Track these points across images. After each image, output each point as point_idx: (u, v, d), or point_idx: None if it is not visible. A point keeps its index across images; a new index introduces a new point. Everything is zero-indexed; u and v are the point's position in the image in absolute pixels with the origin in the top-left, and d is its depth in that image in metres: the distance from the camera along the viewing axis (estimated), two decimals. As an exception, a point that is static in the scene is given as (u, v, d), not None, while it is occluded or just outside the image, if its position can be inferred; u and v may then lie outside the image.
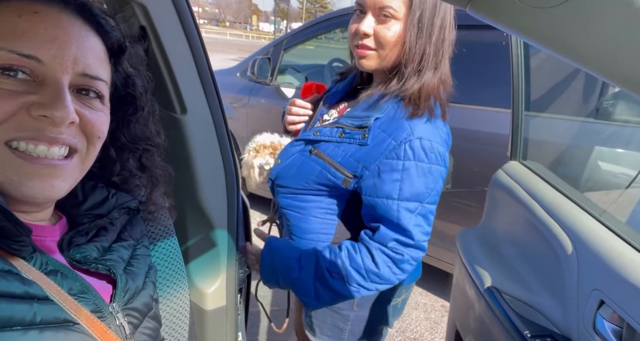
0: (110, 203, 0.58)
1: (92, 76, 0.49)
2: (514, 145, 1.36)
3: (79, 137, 0.48)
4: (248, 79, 3.33)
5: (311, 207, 0.99)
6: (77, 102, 0.47)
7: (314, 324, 1.08)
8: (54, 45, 0.45)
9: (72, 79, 0.47)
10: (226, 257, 0.98)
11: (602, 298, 0.81)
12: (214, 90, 0.84)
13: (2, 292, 0.40)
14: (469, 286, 1.24)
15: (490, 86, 1.90)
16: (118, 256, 0.57)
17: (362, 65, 0.92)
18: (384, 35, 0.87)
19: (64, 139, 0.45)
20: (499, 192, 1.33)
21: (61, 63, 0.45)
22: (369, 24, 0.87)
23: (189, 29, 0.78)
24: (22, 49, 0.43)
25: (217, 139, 0.87)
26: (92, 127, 0.49)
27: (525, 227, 1.16)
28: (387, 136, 0.86)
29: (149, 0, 0.73)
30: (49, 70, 0.45)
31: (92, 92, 0.49)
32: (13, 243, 0.43)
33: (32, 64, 0.44)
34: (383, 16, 0.86)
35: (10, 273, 0.42)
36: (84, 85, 0.48)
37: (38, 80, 0.45)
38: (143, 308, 0.57)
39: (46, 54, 0.44)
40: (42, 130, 0.44)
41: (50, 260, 0.48)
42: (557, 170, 1.31)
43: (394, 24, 0.86)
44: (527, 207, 1.14)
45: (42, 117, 0.43)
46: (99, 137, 0.51)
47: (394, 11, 0.85)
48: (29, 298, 0.42)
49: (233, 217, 0.96)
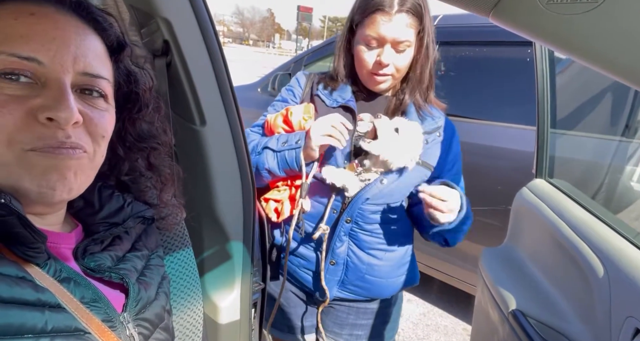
0: (125, 212, 0.58)
1: (94, 75, 0.48)
2: (540, 162, 1.32)
3: (85, 137, 0.48)
4: (268, 94, 3.39)
5: (400, 211, 1.11)
6: (80, 102, 0.47)
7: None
8: (53, 45, 0.44)
9: (73, 79, 0.46)
10: (241, 270, 0.97)
11: (638, 327, 0.75)
12: (233, 103, 0.85)
13: (16, 299, 0.40)
14: (492, 308, 1.19)
15: (513, 102, 1.86)
16: (131, 265, 0.56)
17: (379, 88, 1.08)
18: (402, 63, 1.02)
19: (71, 143, 0.45)
20: (524, 211, 1.28)
21: (61, 63, 0.45)
22: (389, 56, 1.00)
23: (211, 44, 0.79)
24: (21, 52, 0.43)
25: (235, 151, 0.88)
26: (96, 126, 0.48)
27: (552, 247, 1.11)
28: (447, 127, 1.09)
29: (173, 15, 0.75)
30: (50, 71, 0.44)
31: (95, 92, 0.49)
32: (28, 250, 0.43)
33: (33, 66, 0.44)
34: (400, 47, 1.00)
35: (24, 280, 0.42)
36: (86, 84, 0.48)
37: (40, 82, 0.44)
38: (154, 319, 0.56)
39: (46, 55, 0.44)
40: (54, 137, 0.44)
41: (64, 268, 0.48)
42: (586, 189, 1.25)
43: (408, 51, 1.02)
44: (554, 227, 1.09)
45: (48, 120, 0.43)
46: (103, 136, 0.50)
47: (409, 43, 1.00)
48: (41, 306, 0.42)
49: (249, 229, 0.95)
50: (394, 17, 0.97)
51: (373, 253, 1.11)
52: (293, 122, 1.07)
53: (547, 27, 0.30)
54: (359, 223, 1.08)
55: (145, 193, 0.63)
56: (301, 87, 1.17)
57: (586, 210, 1.06)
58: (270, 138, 1.09)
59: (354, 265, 1.12)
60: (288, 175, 1.07)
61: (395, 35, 0.98)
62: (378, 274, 1.13)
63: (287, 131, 1.09)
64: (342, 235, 1.08)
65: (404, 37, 0.98)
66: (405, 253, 1.17)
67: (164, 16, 0.74)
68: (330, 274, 1.12)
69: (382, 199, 1.06)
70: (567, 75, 1.48)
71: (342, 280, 1.14)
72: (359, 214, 1.06)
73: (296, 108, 1.09)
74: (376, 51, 1.01)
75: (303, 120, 1.07)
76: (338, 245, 1.09)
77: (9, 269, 0.41)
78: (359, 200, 1.05)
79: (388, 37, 0.98)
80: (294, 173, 1.06)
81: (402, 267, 1.16)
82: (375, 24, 0.98)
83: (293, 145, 1.03)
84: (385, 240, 1.11)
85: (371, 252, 1.11)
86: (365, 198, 1.04)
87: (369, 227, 1.08)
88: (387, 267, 1.13)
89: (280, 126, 1.10)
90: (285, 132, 1.09)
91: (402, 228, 1.13)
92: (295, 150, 1.02)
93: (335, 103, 1.09)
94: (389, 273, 1.14)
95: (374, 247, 1.10)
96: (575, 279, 0.98)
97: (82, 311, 0.45)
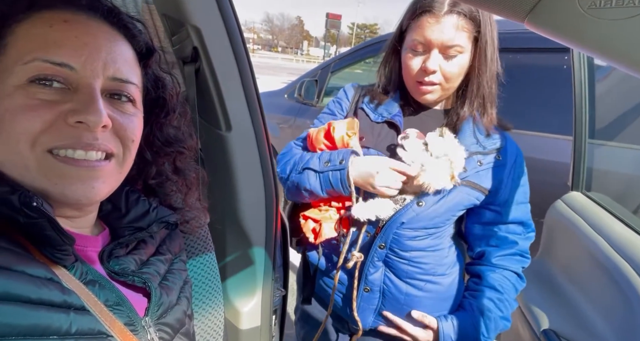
0: (150, 216, 0.59)
1: (123, 80, 0.49)
2: (576, 174, 1.26)
3: (114, 141, 0.49)
4: (295, 101, 3.41)
5: (445, 237, 1.01)
6: (109, 106, 0.48)
7: None
8: (85, 51, 0.46)
9: (103, 84, 0.48)
10: (262, 276, 0.97)
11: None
12: (259, 109, 0.85)
13: (43, 300, 0.41)
14: (523, 327, 1.13)
15: (548, 111, 1.79)
16: (154, 270, 0.57)
17: (426, 99, 0.97)
18: (451, 71, 0.91)
19: (99, 145, 0.46)
20: (558, 224, 1.22)
21: (92, 69, 0.46)
22: (436, 62, 0.90)
23: (238, 51, 0.80)
24: (54, 58, 0.44)
25: (259, 157, 0.88)
26: (126, 130, 0.49)
27: (589, 264, 1.05)
28: (508, 149, 0.98)
29: (203, 23, 0.76)
30: (82, 77, 0.46)
31: (124, 97, 0.50)
32: (57, 252, 0.44)
33: (66, 72, 0.45)
34: (449, 53, 0.89)
35: (52, 282, 0.43)
36: (115, 89, 0.49)
37: (72, 87, 0.46)
38: (175, 324, 0.57)
39: (78, 61, 0.45)
40: (80, 137, 0.45)
41: (90, 270, 0.49)
42: (627, 203, 1.18)
43: (459, 57, 0.90)
44: (592, 242, 1.03)
45: (78, 123, 0.44)
46: (133, 140, 0.51)
47: (460, 48, 0.89)
48: (67, 308, 0.42)
49: (270, 235, 0.95)
50: (443, 19, 0.86)
51: (412, 283, 0.98)
52: (335, 137, 1.00)
53: (588, 33, 0.29)
54: (394, 250, 0.97)
55: (171, 196, 0.64)
56: (349, 99, 1.09)
57: (627, 226, 1.00)
58: (311, 157, 1.02)
59: (391, 294, 1.00)
60: (330, 195, 1.00)
61: (443, 38, 0.87)
62: (419, 306, 1.00)
63: (328, 147, 1.02)
64: (376, 260, 0.98)
65: (454, 41, 0.87)
66: (451, 286, 1.02)
67: (193, 24, 0.76)
68: (365, 302, 1.02)
69: (420, 223, 0.94)
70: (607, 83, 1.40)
71: (378, 310, 1.02)
72: (395, 240, 0.95)
73: (339, 124, 1.01)
74: (422, 57, 0.91)
75: (346, 136, 0.99)
76: (372, 271, 0.99)
77: (38, 270, 0.42)
78: (393, 225, 0.94)
79: (435, 40, 0.88)
80: (337, 194, 0.99)
81: (447, 301, 1.02)
82: (421, 27, 0.89)
83: (337, 166, 0.95)
84: (426, 269, 0.98)
85: (410, 281, 0.98)
86: (400, 222, 0.93)
87: (406, 254, 0.96)
88: (429, 300, 1.00)
89: (322, 142, 1.03)
90: (327, 148, 1.02)
91: (447, 257, 1.01)
92: (340, 171, 0.94)
93: (380, 118, 1.00)
94: (432, 306, 1.00)
95: (413, 276, 0.98)
96: (614, 299, 0.92)
97: (106, 314, 0.46)
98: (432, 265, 0.98)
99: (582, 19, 0.27)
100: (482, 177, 0.95)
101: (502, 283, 0.97)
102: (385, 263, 0.99)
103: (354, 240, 0.99)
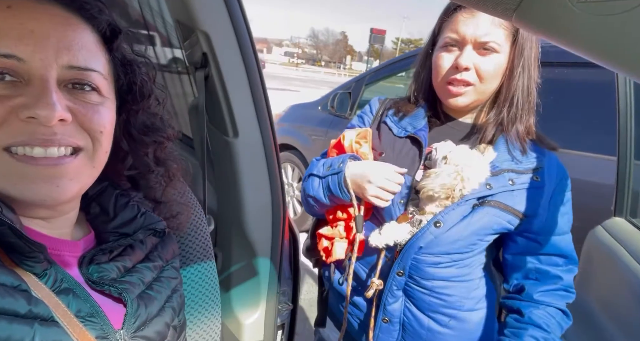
0: (137, 222, 0.56)
1: (81, 67, 0.45)
2: (620, 198, 1.15)
3: (79, 134, 0.45)
4: (328, 113, 3.41)
5: (475, 267, 0.90)
6: (69, 98, 0.44)
7: None
8: (31, 40, 0.41)
9: (59, 74, 0.43)
10: (267, 288, 0.94)
11: None
12: (267, 116, 0.84)
13: (7, 310, 0.38)
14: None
15: (587, 129, 1.65)
16: (138, 278, 0.54)
17: (456, 102, 0.87)
18: (486, 69, 0.82)
19: (59, 140, 0.42)
20: (598, 253, 1.11)
21: (42, 58, 0.42)
22: (469, 58, 0.82)
23: (248, 57, 0.80)
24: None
25: (266, 164, 0.86)
26: (91, 122, 0.45)
27: (631, 298, 0.94)
28: (550, 170, 0.86)
29: (212, 29, 0.76)
30: (32, 68, 0.42)
31: (86, 86, 0.46)
32: (26, 259, 0.42)
33: (14, 64, 0.41)
34: (484, 49, 0.82)
35: (19, 290, 0.40)
36: (74, 78, 0.45)
37: (24, 80, 0.42)
38: (154, 337, 0.53)
39: (24, 50, 0.41)
40: (34, 133, 0.41)
41: (66, 277, 0.46)
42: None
43: (495, 56, 0.82)
44: (635, 274, 0.92)
45: (30, 118, 0.41)
46: (102, 131, 0.47)
47: (496, 45, 0.81)
48: (31, 319, 0.40)
49: (277, 244, 0.92)
50: (478, 13, 0.80)
51: (435, 317, 0.89)
52: (345, 145, 0.96)
53: (578, 29, 0.26)
54: (414, 278, 0.88)
55: (155, 189, 0.61)
56: (372, 113, 1.03)
57: (678, 259, 0.88)
58: (317, 163, 0.99)
59: (412, 327, 0.91)
60: (336, 203, 0.95)
61: (477, 33, 0.80)
62: None
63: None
64: (395, 289, 0.89)
65: (489, 36, 0.80)
66: (480, 323, 0.91)
67: (203, 29, 0.76)
68: (383, 333, 0.93)
69: (440, 248, 0.85)
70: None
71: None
72: (413, 266, 0.87)
73: (349, 132, 0.97)
74: (455, 54, 0.84)
75: (355, 144, 0.94)
76: (390, 301, 0.90)
77: (5, 278, 0.40)
78: (410, 250, 0.85)
79: (468, 34, 0.81)
80: (341, 202, 0.93)
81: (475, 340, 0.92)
82: (455, 23, 0.83)
83: (336, 169, 0.89)
84: (450, 302, 0.88)
85: (432, 315, 0.89)
86: (418, 246, 0.85)
87: (427, 283, 0.87)
88: (454, 338, 0.90)
89: (333, 152, 1.00)
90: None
91: (477, 289, 0.90)
92: (337, 175, 0.88)
93: (403, 133, 0.92)
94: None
95: (435, 309, 0.88)
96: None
97: (75, 326, 0.43)
98: (457, 297, 0.88)
99: (572, 14, 0.25)
100: (515, 198, 0.84)
101: (548, 321, 0.86)
102: (405, 292, 0.90)
103: (374, 265, 0.91)
